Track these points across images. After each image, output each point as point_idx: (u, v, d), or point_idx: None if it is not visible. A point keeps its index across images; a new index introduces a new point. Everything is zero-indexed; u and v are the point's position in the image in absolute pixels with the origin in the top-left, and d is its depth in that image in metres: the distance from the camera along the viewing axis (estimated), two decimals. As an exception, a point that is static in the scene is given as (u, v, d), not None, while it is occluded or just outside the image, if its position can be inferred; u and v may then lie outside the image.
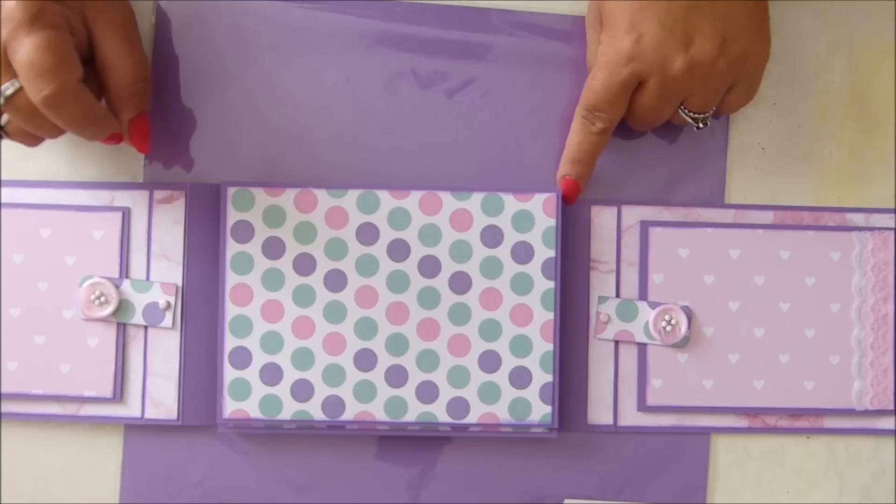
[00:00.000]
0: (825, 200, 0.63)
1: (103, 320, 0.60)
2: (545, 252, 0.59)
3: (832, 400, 0.61)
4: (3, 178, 0.61)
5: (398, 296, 0.59)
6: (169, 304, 0.60)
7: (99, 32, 0.54)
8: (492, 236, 0.59)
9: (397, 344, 0.59)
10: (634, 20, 0.55)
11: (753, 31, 0.56)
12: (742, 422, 0.61)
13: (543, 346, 0.59)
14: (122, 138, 0.56)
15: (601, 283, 0.61)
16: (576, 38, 0.62)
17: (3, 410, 0.60)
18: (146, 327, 0.60)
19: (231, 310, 0.59)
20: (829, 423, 0.62)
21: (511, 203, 0.59)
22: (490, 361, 0.59)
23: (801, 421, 0.62)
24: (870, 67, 0.63)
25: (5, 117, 0.53)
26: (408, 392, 0.59)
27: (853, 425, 0.62)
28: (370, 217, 0.59)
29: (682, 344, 0.61)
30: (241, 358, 0.59)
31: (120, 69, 0.55)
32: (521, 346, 0.59)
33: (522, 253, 0.59)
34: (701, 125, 0.59)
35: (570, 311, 0.61)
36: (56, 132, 0.54)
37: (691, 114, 0.58)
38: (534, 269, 0.59)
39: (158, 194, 0.60)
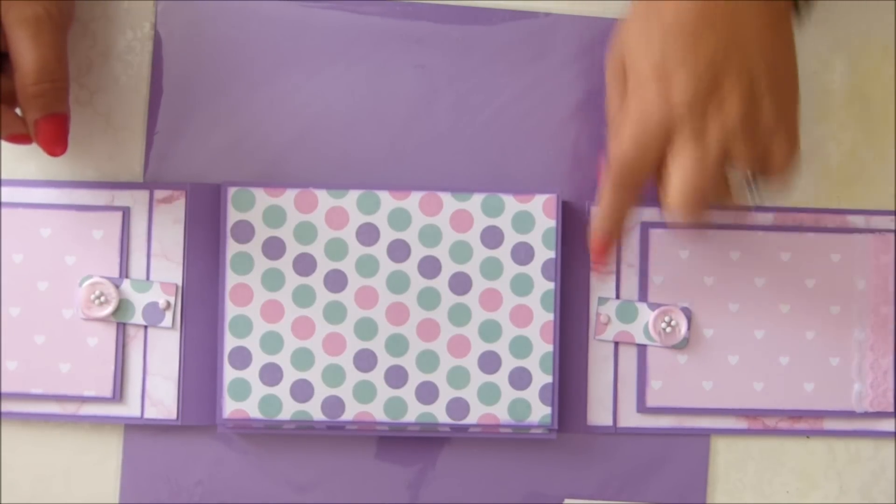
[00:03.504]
0: (825, 200, 0.62)
1: (103, 320, 0.60)
2: (545, 253, 0.59)
3: (832, 402, 0.61)
4: (3, 177, 0.61)
5: (398, 296, 0.59)
6: (169, 303, 0.60)
7: (9, 29, 0.52)
8: (492, 237, 0.59)
9: (397, 344, 0.59)
10: (663, 69, 0.52)
11: (780, 72, 0.53)
12: (742, 423, 0.61)
13: (543, 347, 0.59)
14: (30, 139, 0.55)
15: (601, 285, 0.61)
16: (576, 38, 0.62)
17: (3, 410, 0.60)
18: (146, 327, 0.60)
19: (231, 310, 0.59)
20: (829, 425, 0.62)
21: (511, 204, 0.59)
22: (490, 362, 0.59)
23: (801, 423, 0.62)
24: (870, 67, 0.63)
25: None
26: (407, 392, 0.59)
27: (853, 427, 0.62)
28: (370, 217, 0.59)
29: (682, 345, 0.61)
30: (241, 358, 0.59)
31: (22, 68, 0.52)
32: (520, 346, 0.59)
33: (522, 254, 0.59)
34: (754, 190, 0.55)
35: (570, 312, 0.61)
36: None
37: (739, 169, 0.54)
38: (534, 270, 0.59)
39: (158, 194, 0.60)
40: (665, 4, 0.53)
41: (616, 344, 0.61)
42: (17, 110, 0.54)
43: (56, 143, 0.54)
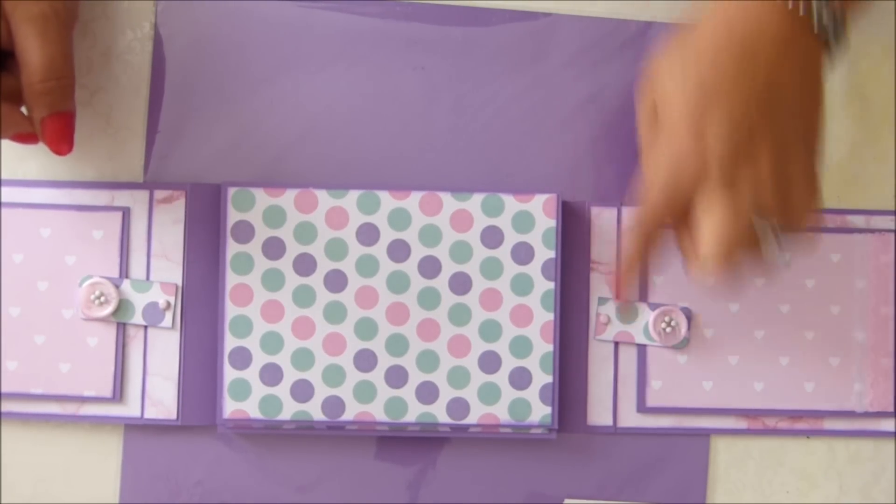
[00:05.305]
0: (825, 200, 0.62)
1: (103, 320, 0.60)
2: (545, 253, 0.59)
3: (832, 402, 0.61)
4: (3, 177, 0.61)
5: (398, 296, 0.59)
6: (169, 304, 0.60)
7: (15, 27, 0.52)
8: (492, 237, 0.59)
9: (397, 344, 0.59)
10: (695, 125, 0.51)
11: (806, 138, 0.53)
12: (742, 423, 0.61)
13: (543, 346, 0.59)
14: (36, 138, 0.54)
15: (601, 285, 0.61)
16: (576, 38, 0.62)
17: (3, 410, 0.60)
18: (146, 327, 0.60)
19: (231, 310, 0.59)
20: (829, 424, 0.62)
21: (511, 204, 0.59)
22: (490, 362, 0.59)
23: (801, 423, 0.62)
24: (870, 67, 0.63)
25: None
26: (408, 392, 0.59)
27: (853, 427, 0.62)
28: (370, 217, 0.59)
29: (682, 345, 0.61)
30: (241, 358, 0.59)
31: (29, 66, 0.52)
32: (521, 346, 0.59)
33: (523, 254, 0.59)
34: (779, 244, 0.52)
35: (570, 312, 0.61)
36: None
37: (770, 225, 0.52)
38: (534, 269, 0.59)
39: (158, 194, 0.60)
40: (702, 47, 0.52)
41: (616, 344, 0.61)
42: (23, 109, 0.54)
43: (62, 141, 0.54)
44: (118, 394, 0.60)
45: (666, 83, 0.53)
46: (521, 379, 0.59)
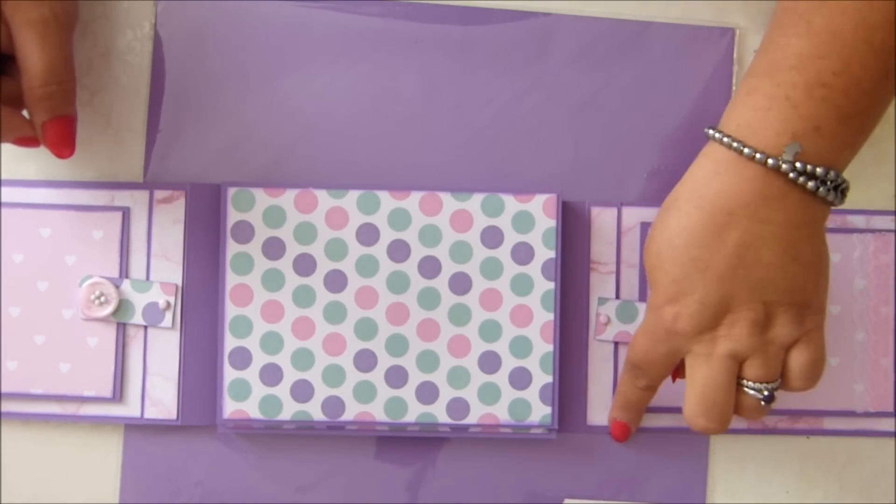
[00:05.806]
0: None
1: (103, 320, 0.60)
2: (545, 253, 0.59)
3: (832, 402, 0.61)
4: (3, 178, 0.61)
5: (398, 296, 0.59)
6: (169, 304, 0.60)
7: (15, 31, 0.52)
8: (492, 237, 0.59)
9: (397, 344, 0.59)
10: (674, 293, 0.52)
11: (804, 290, 0.53)
12: (741, 423, 0.61)
13: (543, 346, 0.59)
14: (37, 142, 0.54)
15: (601, 285, 0.61)
16: (576, 38, 0.62)
17: (3, 410, 0.60)
18: (146, 327, 0.60)
19: (231, 310, 0.59)
20: (829, 424, 0.62)
21: (511, 204, 0.59)
22: (490, 362, 0.59)
23: (801, 423, 0.62)
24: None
25: None
26: (407, 393, 0.59)
27: (853, 427, 0.62)
28: (370, 217, 0.59)
29: (682, 345, 0.61)
30: (241, 358, 0.59)
31: (29, 70, 0.52)
32: (520, 346, 0.59)
33: (522, 254, 0.59)
34: (766, 398, 0.53)
35: (570, 312, 0.61)
36: None
37: (752, 384, 0.53)
38: (534, 269, 0.59)
39: (158, 194, 0.60)
40: (683, 217, 0.52)
41: (616, 344, 0.61)
42: (24, 113, 0.54)
43: (64, 144, 0.54)
44: (118, 394, 0.60)
45: (653, 250, 0.54)
46: (521, 379, 0.59)
